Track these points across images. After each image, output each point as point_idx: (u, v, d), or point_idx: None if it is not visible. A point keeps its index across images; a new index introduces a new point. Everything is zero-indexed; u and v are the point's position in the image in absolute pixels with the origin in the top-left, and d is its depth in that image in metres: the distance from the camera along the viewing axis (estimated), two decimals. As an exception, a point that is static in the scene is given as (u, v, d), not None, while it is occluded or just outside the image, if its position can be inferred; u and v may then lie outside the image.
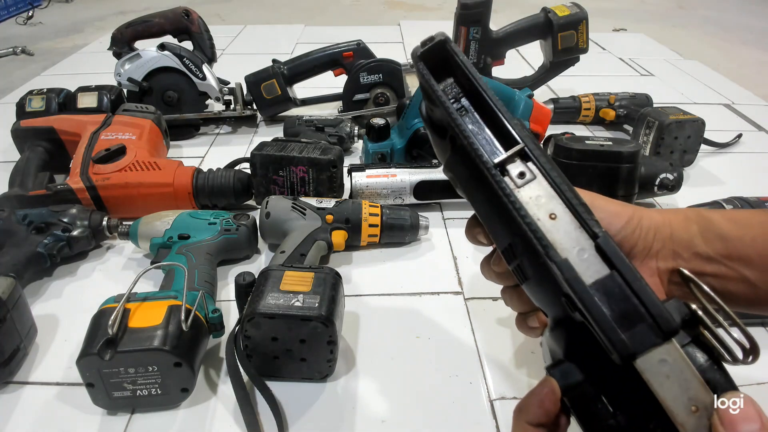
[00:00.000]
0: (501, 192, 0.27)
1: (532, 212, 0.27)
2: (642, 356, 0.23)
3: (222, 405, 0.45)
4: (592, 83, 1.11)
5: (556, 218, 0.27)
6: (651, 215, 0.33)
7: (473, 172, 0.29)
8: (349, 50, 0.91)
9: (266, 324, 0.43)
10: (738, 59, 1.45)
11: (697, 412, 0.23)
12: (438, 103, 0.29)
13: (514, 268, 0.31)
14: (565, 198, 0.27)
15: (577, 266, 0.25)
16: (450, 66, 0.29)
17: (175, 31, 0.90)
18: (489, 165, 0.28)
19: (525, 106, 0.76)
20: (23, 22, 1.73)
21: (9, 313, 0.45)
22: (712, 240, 0.32)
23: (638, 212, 0.33)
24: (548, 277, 0.26)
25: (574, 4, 0.94)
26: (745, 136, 0.93)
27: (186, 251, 0.55)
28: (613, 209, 0.33)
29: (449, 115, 0.28)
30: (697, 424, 0.23)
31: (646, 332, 0.24)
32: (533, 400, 0.27)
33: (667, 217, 0.33)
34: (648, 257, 0.32)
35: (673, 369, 0.23)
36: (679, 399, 0.23)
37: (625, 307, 0.24)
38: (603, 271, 0.25)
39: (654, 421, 0.24)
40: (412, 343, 0.51)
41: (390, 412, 0.45)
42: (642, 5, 2.07)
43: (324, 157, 0.66)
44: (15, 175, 0.70)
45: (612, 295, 0.25)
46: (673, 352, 0.24)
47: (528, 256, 0.28)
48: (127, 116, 0.76)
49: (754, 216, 0.33)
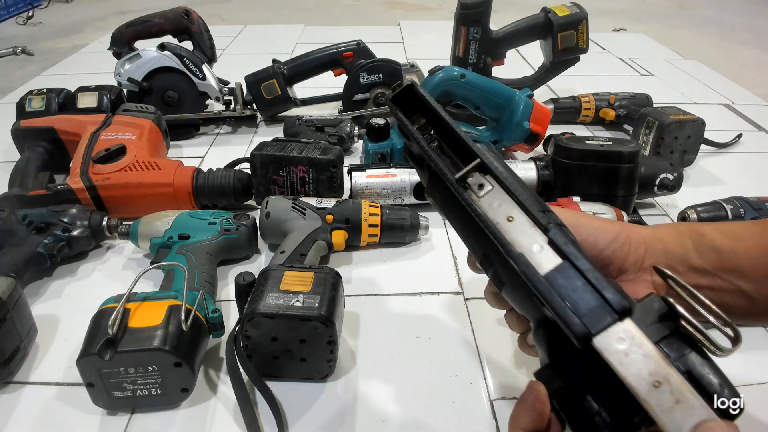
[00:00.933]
0: (464, 202, 0.30)
1: (491, 217, 0.29)
2: (598, 336, 0.24)
3: (222, 405, 0.45)
4: (592, 83, 1.11)
5: (513, 220, 0.29)
6: (640, 231, 0.33)
7: (445, 192, 0.32)
8: (349, 50, 0.91)
9: (266, 324, 0.43)
10: (738, 59, 1.45)
11: (660, 386, 0.23)
12: (411, 137, 0.32)
13: (492, 275, 0.33)
14: (518, 201, 0.29)
15: (533, 259, 0.27)
16: (417, 104, 0.33)
17: (175, 31, 0.90)
18: (452, 180, 0.30)
19: (525, 106, 0.76)
20: (23, 22, 1.73)
21: (9, 313, 0.45)
22: (706, 253, 0.32)
23: (626, 228, 0.33)
24: (518, 278, 0.27)
25: (574, 4, 0.94)
26: (745, 136, 0.93)
27: (186, 251, 0.55)
28: (599, 225, 0.33)
29: (418, 143, 0.32)
30: (660, 398, 0.23)
31: (599, 313, 0.24)
32: (523, 406, 0.27)
33: (658, 232, 0.34)
34: (641, 271, 0.32)
35: (632, 347, 0.24)
36: (640, 375, 0.23)
37: (578, 293, 0.25)
38: (556, 262, 0.27)
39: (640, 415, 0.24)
40: (412, 343, 0.51)
41: (390, 412, 0.45)
42: (642, 5, 2.07)
43: (324, 157, 0.66)
44: (15, 175, 0.70)
45: (565, 282, 0.26)
46: (630, 330, 0.24)
47: (498, 261, 0.30)
48: (127, 116, 0.76)
49: (746, 228, 0.33)
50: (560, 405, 0.27)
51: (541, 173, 0.69)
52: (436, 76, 0.74)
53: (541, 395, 0.27)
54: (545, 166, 0.70)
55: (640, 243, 0.32)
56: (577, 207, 0.63)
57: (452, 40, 0.96)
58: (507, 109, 0.77)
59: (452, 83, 0.74)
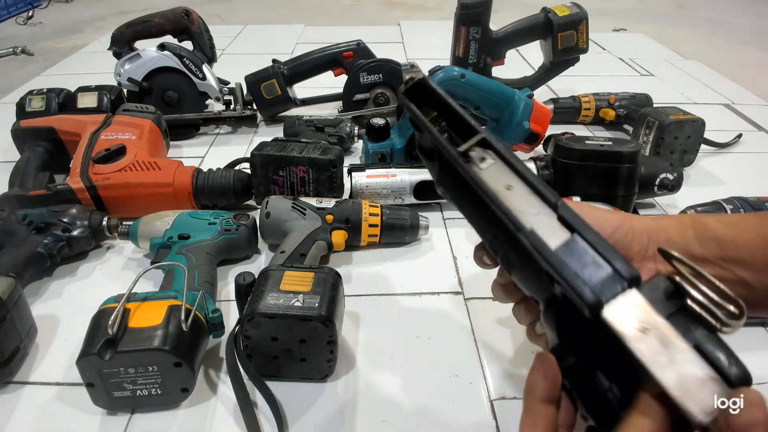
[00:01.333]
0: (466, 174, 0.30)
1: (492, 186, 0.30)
2: (608, 305, 0.25)
3: (222, 405, 0.45)
4: (592, 83, 1.11)
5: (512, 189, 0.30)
6: (642, 221, 0.34)
7: (453, 177, 0.32)
8: (349, 50, 0.91)
9: (266, 324, 0.43)
10: (738, 59, 1.45)
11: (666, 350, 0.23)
12: (423, 126, 0.33)
13: (501, 259, 0.34)
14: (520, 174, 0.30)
15: (542, 234, 0.27)
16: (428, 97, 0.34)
17: (175, 31, 0.90)
18: (454, 154, 0.31)
19: (525, 106, 0.76)
20: (23, 22, 1.73)
21: (9, 313, 0.45)
22: (707, 243, 0.32)
23: (629, 218, 0.34)
24: (527, 257, 0.28)
25: (574, 4, 0.94)
26: (745, 136, 0.93)
27: (186, 251, 0.55)
28: (601, 215, 0.34)
29: (428, 129, 0.32)
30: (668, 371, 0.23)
31: (609, 282, 0.25)
32: (537, 374, 0.27)
33: (661, 222, 0.34)
34: (645, 259, 0.33)
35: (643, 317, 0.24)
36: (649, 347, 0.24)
37: (588, 264, 0.26)
38: (565, 236, 0.27)
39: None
40: (412, 343, 0.51)
41: (390, 412, 0.45)
42: (642, 5, 2.07)
43: (324, 157, 0.66)
44: (15, 175, 0.70)
45: (576, 255, 0.26)
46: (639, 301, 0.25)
47: (508, 241, 0.30)
48: (127, 116, 0.76)
49: (747, 219, 0.34)
50: (572, 383, 0.28)
51: (541, 173, 0.69)
52: (436, 76, 0.74)
53: (552, 361, 0.27)
54: (545, 166, 0.70)
55: (643, 232, 0.33)
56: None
57: (452, 40, 0.96)
58: (507, 109, 0.77)
59: (452, 83, 0.74)
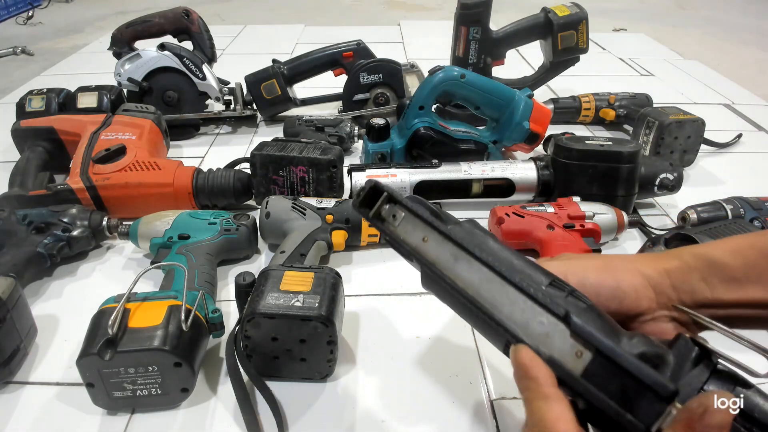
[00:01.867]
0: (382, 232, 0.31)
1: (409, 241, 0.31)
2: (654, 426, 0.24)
3: (222, 405, 0.45)
4: (592, 83, 1.11)
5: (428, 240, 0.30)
6: (641, 272, 0.32)
7: (435, 280, 0.31)
8: (349, 50, 0.91)
9: (266, 324, 0.43)
10: (738, 59, 1.45)
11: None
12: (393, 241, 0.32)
13: None
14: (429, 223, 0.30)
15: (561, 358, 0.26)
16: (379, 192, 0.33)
17: (175, 31, 0.90)
18: (368, 216, 0.31)
19: (525, 106, 0.76)
20: (23, 22, 1.73)
21: (9, 313, 0.45)
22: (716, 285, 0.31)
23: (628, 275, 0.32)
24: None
25: (574, 4, 0.94)
26: (745, 136, 0.93)
27: (186, 251, 0.55)
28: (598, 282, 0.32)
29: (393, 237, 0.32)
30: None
31: (649, 405, 0.24)
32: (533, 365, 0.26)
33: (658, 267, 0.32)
34: (657, 309, 0.32)
35: None
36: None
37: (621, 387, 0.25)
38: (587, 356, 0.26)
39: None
40: (412, 343, 0.51)
41: (390, 412, 0.45)
42: (642, 5, 2.07)
43: (324, 157, 0.66)
44: (15, 175, 0.70)
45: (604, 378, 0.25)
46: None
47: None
48: (127, 116, 0.76)
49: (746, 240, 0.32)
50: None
51: (541, 173, 0.69)
52: (436, 76, 0.74)
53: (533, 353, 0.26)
54: (545, 166, 0.70)
55: (646, 286, 0.32)
56: (577, 207, 0.63)
57: (452, 40, 0.96)
58: (507, 109, 0.77)
59: (452, 83, 0.74)
